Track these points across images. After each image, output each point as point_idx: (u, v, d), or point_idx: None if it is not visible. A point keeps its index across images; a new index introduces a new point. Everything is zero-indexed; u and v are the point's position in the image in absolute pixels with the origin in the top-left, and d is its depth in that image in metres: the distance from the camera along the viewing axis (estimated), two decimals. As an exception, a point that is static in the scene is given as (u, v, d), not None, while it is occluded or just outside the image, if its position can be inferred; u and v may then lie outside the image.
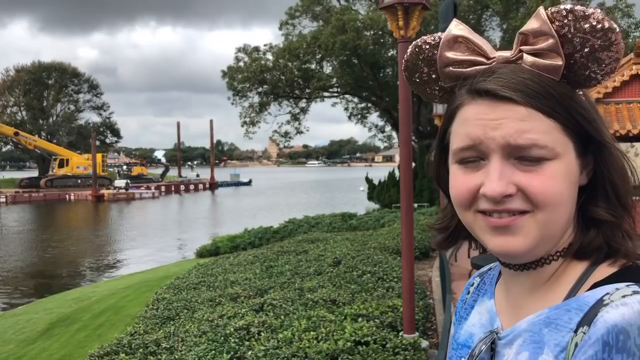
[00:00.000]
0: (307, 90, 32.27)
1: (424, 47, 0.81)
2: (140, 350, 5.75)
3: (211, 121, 77.53)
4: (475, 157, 0.75)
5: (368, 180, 34.01)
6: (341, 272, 8.47)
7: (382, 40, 29.09)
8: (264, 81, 31.67)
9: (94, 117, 77.24)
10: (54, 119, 73.67)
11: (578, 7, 0.70)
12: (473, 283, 0.97)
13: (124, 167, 75.72)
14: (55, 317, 10.53)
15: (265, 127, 34.86)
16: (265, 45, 32.71)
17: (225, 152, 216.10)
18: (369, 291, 7.15)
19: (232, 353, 5.14)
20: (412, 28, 5.09)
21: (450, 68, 0.77)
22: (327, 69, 32.55)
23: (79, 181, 59.07)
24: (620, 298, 0.66)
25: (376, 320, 5.68)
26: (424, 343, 5.42)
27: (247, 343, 5.34)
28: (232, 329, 5.67)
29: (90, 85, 76.35)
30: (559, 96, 0.72)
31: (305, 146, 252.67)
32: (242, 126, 33.91)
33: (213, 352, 5.22)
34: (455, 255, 10.30)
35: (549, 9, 0.72)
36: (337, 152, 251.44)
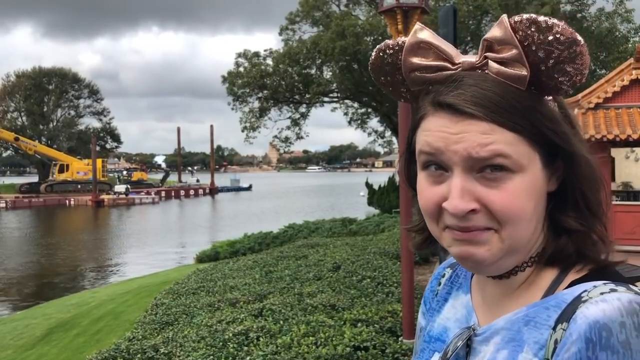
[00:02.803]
0: (307, 95, 32.30)
1: (387, 51, 0.79)
2: (139, 355, 5.72)
3: (211, 126, 77.68)
4: (439, 167, 0.74)
5: (368, 186, 34.00)
6: (341, 277, 8.45)
7: (382, 46, 29.10)
8: (264, 86, 31.70)
9: (94, 123, 77.45)
10: (54, 124, 73.77)
11: (541, 18, 0.68)
12: (444, 274, 0.96)
13: (124, 173, 75.73)
14: (54, 323, 10.50)
15: (266, 132, 34.80)
16: (265, 50, 32.77)
17: (225, 158, 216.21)
18: (368, 296, 7.13)
19: (230, 358, 5.12)
20: (412, 32, 5.09)
21: (416, 73, 0.76)
22: (327, 74, 32.59)
23: (79, 186, 59.08)
24: (599, 295, 0.66)
25: (376, 325, 5.66)
26: (424, 348, 5.38)
27: (245, 348, 5.31)
28: (230, 334, 5.64)
29: (90, 90, 76.52)
30: (523, 108, 0.70)
31: (305, 151, 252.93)
32: (243, 131, 33.91)
33: (211, 357, 5.19)
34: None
35: (513, 17, 0.70)
36: (337, 158, 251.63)
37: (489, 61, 0.71)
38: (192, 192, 67.67)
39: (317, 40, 28.89)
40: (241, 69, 32.47)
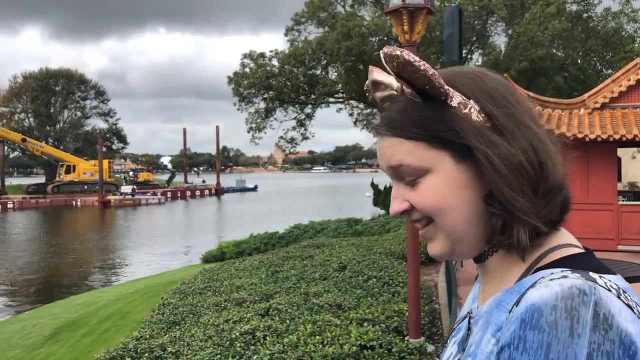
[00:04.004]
0: (313, 96, 32.33)
1: (368, 91, 0.92)
2: (146, 354, 5.76)
3: (217, 127, 77.82)
4: None
5: (374, 186, 34.02)
6: (347, 277, 8.47)
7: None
8: (270, 87, 31.73)
9: (100, 124, 77.76)
10: (61, 125, 74.09)
11: (387, 50, 0.80)
12: None
13: (130, 173, 75.96)
14: (62, 322, 10.56)
15: (271, 133, 34.82)
16: (270, 51, 32.81)
17: (231, 158, 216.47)
18: (374, 296, 7.14)
19: (237, 357, 5.15)
20: (418, 32, 5.11)
21: (386, 103, 0.89)
22: (333, 74, 32.61)
23: (86, 187, 59.30)
24: (548, 281, 0.72)
25: (382, 324, 5.68)
26: (430, 348, 5.40)
27: (252, 347, 5.34)
28: (237, 334, 5.67)
29: (97, 91, 76.83)
30: (418, 119, 0.82)
31: (310, 152, 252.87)
32: (248, 132, 33.95)
33: (219, 356, 5.23)
34: (462, 260, 10.27)
35: (383, 52, 0.81)
36: (343, 158, 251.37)
37: (402, 85, 0.83)
38: (197, 192, 67.80)
39: (323, 41, 28.91)
40: (247, 69, 32.51)
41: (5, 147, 64.71)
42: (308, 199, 59.32)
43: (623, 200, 12.60)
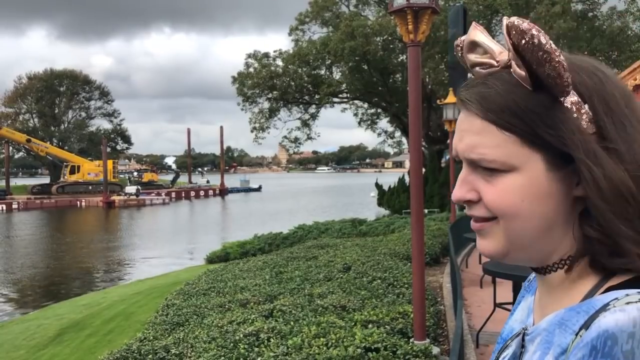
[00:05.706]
0: (317, 96, 32.34)
1: (458, 47, 0.82)
2: (150, 356, 5.74)
3: (221, 127, 77.94)
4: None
5: (378, 186, 33.98)
6: (351, 278, 8.43)
7: (391, 46, 29.12)
8: (274, 87, 31.77)
9: (105, 124, 78.03)
10: (66, 125, 74.38)
11: (517, 22, 0.69)
12: (530, 278, 0.97)
13: (135, 174, 76.15)
14: (66, 323, 10.57)
15: (275, 133, 34.91)
16: (275, 51, 32.86)
17: (235, 159, 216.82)
18: (379, 297, 7.11)
19: (241, 359, 5.12)
20: (422, 32, 5.07)
21: (477, 69, 0.78)
22: (337, 74, 32.63)
23: (90, 187, 59.51)
24: (624, 304, 0.64)
25: (386, 326, 5.64)
26: (435, 350, 5.36)
27: (256, 349, 5.31)
28: (241, 335, 5.65)
29: (101, 92, 77.09)
30: (524, 109, 0.71)
31: (314, 152, 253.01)
32: (252, 132, 34.05)
33: (222, 358, 5.20)
34: (467, 261, 10.24)
35: (510, 21, 0.70)
36: (347, 158, 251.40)
37: (512, 62, 0.72)
38: (202, 193, 67.95)
39: (327, 41, 28.92)
40: (251, 69, 32.57)
41: (10, 148, 64.97)
42: (312, 199, 59.32)
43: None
